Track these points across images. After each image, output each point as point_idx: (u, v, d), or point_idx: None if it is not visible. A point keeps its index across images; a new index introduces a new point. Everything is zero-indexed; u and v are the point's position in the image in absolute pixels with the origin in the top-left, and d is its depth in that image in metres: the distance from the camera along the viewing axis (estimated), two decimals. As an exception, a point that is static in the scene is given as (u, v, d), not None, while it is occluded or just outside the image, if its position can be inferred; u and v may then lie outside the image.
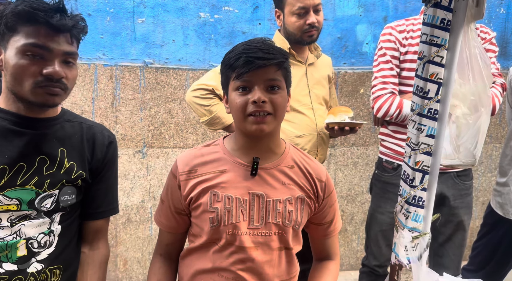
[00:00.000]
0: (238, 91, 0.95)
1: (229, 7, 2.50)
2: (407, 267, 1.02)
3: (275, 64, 0.95)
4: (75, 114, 1.11)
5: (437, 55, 0.93)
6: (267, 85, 0.95)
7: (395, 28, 1.69)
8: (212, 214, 0.97)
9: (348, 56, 2.70)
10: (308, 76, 1.72)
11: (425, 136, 0.97)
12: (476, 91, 0.99)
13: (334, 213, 1.11)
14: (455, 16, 0.91)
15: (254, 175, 1.00)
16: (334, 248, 1.15)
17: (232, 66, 0.95)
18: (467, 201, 1.73)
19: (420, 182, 0.99)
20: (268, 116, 0.94)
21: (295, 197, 1.01)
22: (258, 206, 0.98)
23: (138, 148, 2.48)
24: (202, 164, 1.01)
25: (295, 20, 1.63)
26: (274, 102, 0.95)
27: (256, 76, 0.93)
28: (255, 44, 0.95)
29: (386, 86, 1.68)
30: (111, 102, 2.42)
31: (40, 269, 0.99)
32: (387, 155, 1.77)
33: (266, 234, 0.99)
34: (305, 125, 1.67)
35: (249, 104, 0.94)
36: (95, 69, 2.38)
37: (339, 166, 2.78)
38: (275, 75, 0.96)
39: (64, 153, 1.01)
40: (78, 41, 1.01)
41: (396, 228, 1.06)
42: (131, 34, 2.40)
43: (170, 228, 1.08)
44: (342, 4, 2.64)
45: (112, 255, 2.52)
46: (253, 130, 0.95)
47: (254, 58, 0.92)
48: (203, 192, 0.99)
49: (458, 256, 1.75)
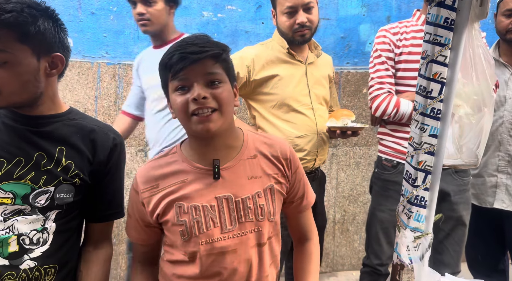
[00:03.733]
0: (177, 92, 0.90)
1: (232, 6, 2.49)
2: (409, 267, 1.02)
3: (211, 56, 0.89)
4: (83, 114, 1.09)
5: (440, 55, 0.92)
6: (206, 80, 0.89)
7: (389, 30, 1.74)
8: (181, 227, 0.94)
9: (351, 56, 2.69)
10: (308, 75, 1.71)
11: (428, 135, 0.97)
12: (479, 91, 0.99)
13: (305, 187, 1.09)
14: (458, 16, 0.91)
15: (218, 179, 0.96)
16: (309, 225, 1.13)
17: (167, 66, 0.90)
18: (466, 197, 1.76)
19: (423, 182, 0.99)
20: (213, 114, 0.89)
21: (264, 188, 0.99)
22: (228, 209, 0.95)
23: (141, 147, 2.48)
24: (162, 177, 0.97)
25: (285, 19, 1.62)
26: (218, 97, 0.89)
27: (192, 72, 0.88)
28: (188, 40, 0.91)
29: (382, 86, 1.71)
30: (114, 100, 2.42)
31: (33, 267, 0.98)
32: (386, 153, 1.79)
33: (241, 234, 0.96)
34: (305, 126, 1.66)
35: (190, 103, 0.88)
36: (98, 68, 2.38)
37: (341, 166, 2.78)
38: (214, 68, 0.90)
39: (62, 151, 1.00)
40: (22, 34, 0.91)
41: (398, 228, 1.06)
42: (134, 33, 2.40)
43: (142, 240, 1.05)
44: (346, 4, 2.63)
45: (114, 253, 2.51)
46: (199, 130, 0.89)
47: (187, 53, 0.87)
48: (168, 206, 0.95)
49: (458, 253, 1.76)
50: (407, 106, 1.65)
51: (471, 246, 1.93)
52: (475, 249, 1.93)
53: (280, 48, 1.67)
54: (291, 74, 1.66)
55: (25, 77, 0.94)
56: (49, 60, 0.99)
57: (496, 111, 1.80)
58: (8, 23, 0.88)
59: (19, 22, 0.89)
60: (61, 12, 1.08)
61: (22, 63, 0.93)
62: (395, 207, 1.74)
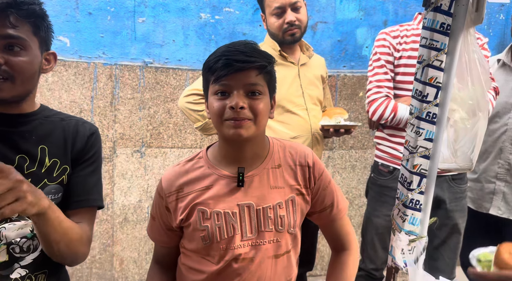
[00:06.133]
0: (216, 96, 0.91)
1: (230, 8, 2.50)
2: (404, 270, 1.02)
3: (256, 67, 0.90)
4: (54, 110, 1.07)
5: (436, 59, 0.93)
6: (247, 90, 0.90)
7: (389, 33, 1.72)
8: (203, 233, 0.95)
9: (348, 59, 2.71)
10: (301, 76, 1.72)
11: (424, 139, 0.97)
12: (474, 96, 1.00)
13: (333, 195, 1.05)
14: (454, 21, 0.92)
15: (241, 186, 0.96)
16: (345, 234, 1.09)
17: (211, 69, 0.91)
18: (462, 205, 1.75)
19: (418, 185, 1.00)
20: (247, 121, 0.90)
21: (285, 200, 0.99)
22: (249, 217, 0.96)
23: (137, 148, 2.47)
24: (187, 183, 0.98)
25: (274, 20, 1.65)
26: (254, 108, 0.90)
27: (235, 80, 0.89)
28: (237, 46, 0.91)
29: (380, 90, 1.70)
30: (110, 101, 2.42)
31: (24, 275, 0.96)
32: (383, 158, 1.78)
33: (260, 243, 0.97)
34: (300, 126, 1.67)
35: (226, 110, 0.89)
36: (94, 68, 2.37)
37: (337, 169, 2.78)
38: (256, 80, 0.90)
39: (45, 150, 0.97)
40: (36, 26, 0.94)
41: (393, 231, 1.06)
42: (131, 34, 2.40)
43: (164, 242, 1.07)
44: (343, 8, 2.65)
45: (109, 254, 2.51)
46: (230, 134, 0.90)
47: (233, 60, 0.87)
48: (191, 211, 0.96)
49: (452, 259, 1.76)
50: (405, 111, 1.64)
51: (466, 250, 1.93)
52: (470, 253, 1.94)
53: (272, 51, 1.68)
54: (284, 76, 1.67)
55: (34, 68, 0.96)
56: (45, 56, 1.01)
57: (500, 118, 1.79)
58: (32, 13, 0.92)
59: (38, 14, 0.94)
60: (58, 12, 1.08)
61: (34, 54, 0.95)
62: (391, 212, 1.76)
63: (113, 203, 2.47)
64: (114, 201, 2.47)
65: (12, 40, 0.90)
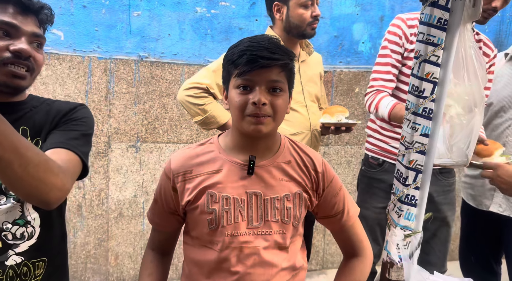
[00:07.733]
0: (238, 90, 0.92)
1: (226, 2, 2.48)
2: (399, 265, 1.03)
3: (280, 65, 0.91)
4: (41, 97, 1.09)
5: (433, 54, 0.93)
6: (269, 86, 0.91)
7: (405, 21, 1.64)
8: (210, 216, 0.96)
9: (344, 55, 2.70)
10: (301, 73, 1.71)
11: (420, 135, 0.97)
12: (471, 91, 1.00)
13: (343, 201, 1.06)
14: (452, 16, 0.92)
15: (251, 174, 0.97)
16: (356, 241, 1.09)
17: (235, 63, 0.91)
18: (450, 197, 1.77)
19: (413, 180, 1.00)
20: (267, 118, 0.92)
21: (293, 193, 1.00)
22: (257, 205, 0.97)
23: (132, 143, 2.46)
24: (197, 165, 0.99)
25: (303, 11, 1.61)
26: (275, 104, 0.92)
27: (258, 76, 0.90)
28: (261, 42, 0.91)
29: (374, 83, 1.70)
30: (105, 95, 2.40)
31: (20, 262, 0.96)
32: (373, 151, 1.80)
33: (266, 233, 0.97)
34: (300, 123, 1.67)
35: (248, 105, 0.91)
36: (89, 62, 2.35)
37: (332, 164, 2.79)
38: (279, 77, 0.92)
39: (26, 131, 0.98)
40: (44, 29, 1.03)
41: (388, 226, 1.06)
42: (126, 27, 2.38)
43: (164, 227, 1.08)
44: (339, 3, 2.64)
45: (103, 249, 2.50)
46: (250, 130, 0.92)
47: (258, 57, 0.88)
48: (200, 193, 0.97)
49: (443, 252, 1.78)
50: (385, 108, 1.61)
51: (465, 247, 1.93)
52: (469, 250, 1.92)
53: None
54: None
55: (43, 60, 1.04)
56: None
57: (505, 113, 1.75)
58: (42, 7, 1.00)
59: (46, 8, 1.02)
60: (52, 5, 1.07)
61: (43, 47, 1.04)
62: (380, 204, 1.78)
63: (108, 198, 2.46)
64: (109, 196, 2.46)
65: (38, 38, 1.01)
